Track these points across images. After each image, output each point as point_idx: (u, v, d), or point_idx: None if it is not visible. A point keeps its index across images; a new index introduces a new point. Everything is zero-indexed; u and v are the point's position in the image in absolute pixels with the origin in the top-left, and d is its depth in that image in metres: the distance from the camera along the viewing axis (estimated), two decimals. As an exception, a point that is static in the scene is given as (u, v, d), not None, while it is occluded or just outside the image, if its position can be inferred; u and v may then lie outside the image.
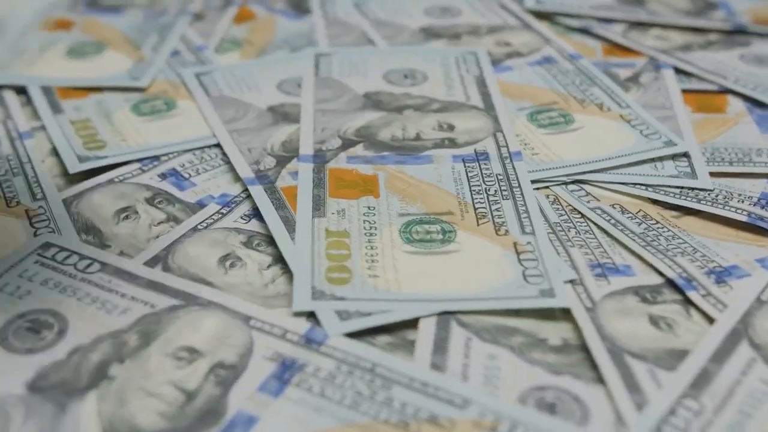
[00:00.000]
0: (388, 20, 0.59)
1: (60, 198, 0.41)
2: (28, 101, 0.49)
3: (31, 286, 0.36)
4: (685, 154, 0.45)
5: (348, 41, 0.56)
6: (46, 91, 0.49)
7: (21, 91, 0.50)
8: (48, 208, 0.40)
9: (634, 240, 0.40)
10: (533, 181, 0.43)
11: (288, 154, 0.44)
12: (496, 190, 0.42)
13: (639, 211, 0.42)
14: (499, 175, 0.43)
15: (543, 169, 0.44)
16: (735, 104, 0.51)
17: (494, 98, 0.49)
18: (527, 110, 0.49)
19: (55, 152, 0.45)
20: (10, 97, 0.49)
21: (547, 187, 0.43)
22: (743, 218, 0.41)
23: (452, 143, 0.45)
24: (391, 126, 0.47)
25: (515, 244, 0.38)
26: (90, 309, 0.35)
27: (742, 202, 0.42)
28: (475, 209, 0.40)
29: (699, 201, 0.42)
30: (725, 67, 0.54)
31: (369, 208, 0.41)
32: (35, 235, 0.39)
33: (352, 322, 0.34)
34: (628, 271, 0.38)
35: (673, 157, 0.45)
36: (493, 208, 0.41)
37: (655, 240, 0.40)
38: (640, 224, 0.41)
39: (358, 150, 0.45)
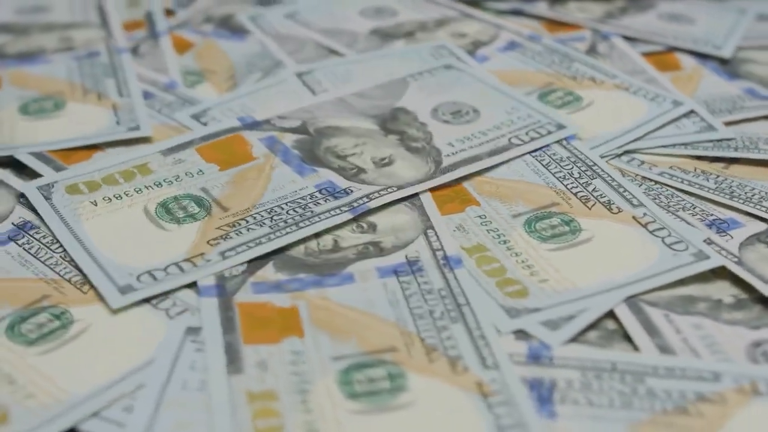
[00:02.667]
0: (334, 28, 0.57)
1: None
2: (20, 172, 0.43)
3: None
4: (692, 111, 0.49)
5: (309, 55, 0.54)
6: (42, 158, 0.43)
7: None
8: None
9: (717, 195, 0.42)
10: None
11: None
12: (579, 173, 0.43)
13: (695, 169, 0.45)
14: (570, 157, 0.44)
15: (596, 146, 0.45)
16: (685, 60, 0.56)
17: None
18: (534, 95, 0.50)
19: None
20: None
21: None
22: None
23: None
24: None
25: (635, 218, 0.40)
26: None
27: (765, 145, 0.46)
28: (576, 194, 0.41)
29: (736, 149, 0.46)
30: (657, 28, 0.58)
31: (481, 217, 0.40)
32: (169, 316, 0.34)
33: (565, 329, 0.34)
34: (736, 222, 0.40)
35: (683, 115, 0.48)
36: (590, 189, 0.41)
37: (732, 191, 0.43)
38: (708, 180, 0.44)
39: None
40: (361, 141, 0.43)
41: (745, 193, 0.42)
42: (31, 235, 0.38)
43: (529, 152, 0.44)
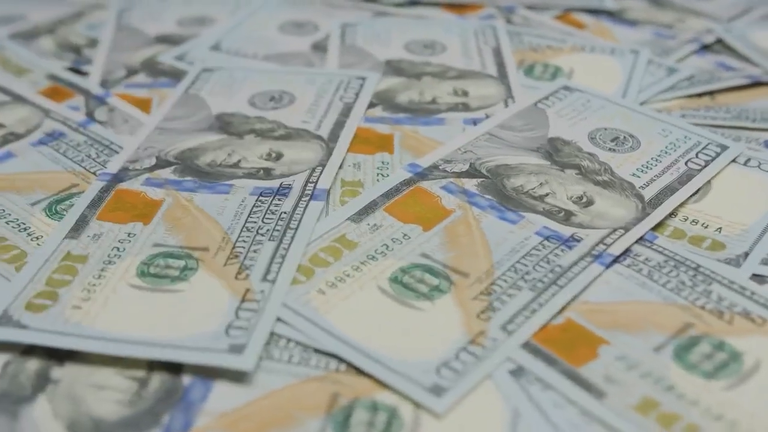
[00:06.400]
0: (275, 53, 0.54)
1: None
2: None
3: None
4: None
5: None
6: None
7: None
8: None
9: (743, 122, 0.48)
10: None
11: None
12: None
13: (701, 105, 0.50)
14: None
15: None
16: (582, 18, 0.61)
17: (508, 68, 0.51)
18: (520, 72, 0.52)
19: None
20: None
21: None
22: (746, 81, 0.52)
23: (465, 107, 0.48)
24: (409, 90, 0.49)
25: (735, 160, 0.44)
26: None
27: (721, 73, 0.53)
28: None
29: (709, 82, 0.52)
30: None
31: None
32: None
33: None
34: (780, 140, 0.47)
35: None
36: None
37: (747, 116, 0.49)
38: (718, 112, 0.49)
39: (377, 111, 0.47)
40: (542, 179, 0.41)
41: (754, 115, 0.49)
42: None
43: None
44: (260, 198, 0.39)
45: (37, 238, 0.38)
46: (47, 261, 0.36)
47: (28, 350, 0.32)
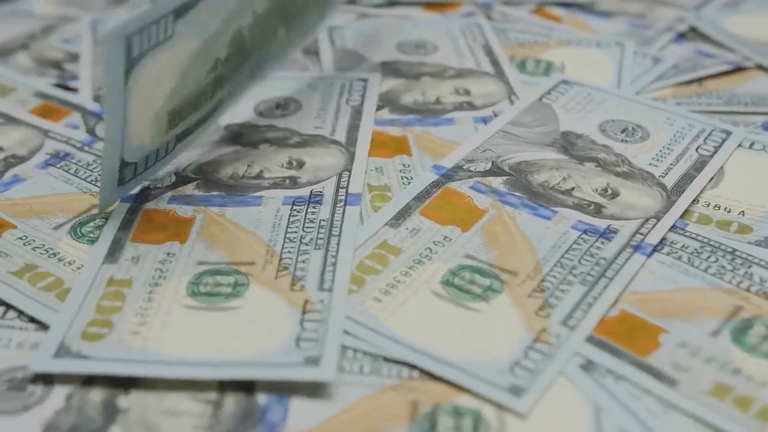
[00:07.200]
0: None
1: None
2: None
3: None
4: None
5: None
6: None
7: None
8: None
9: (736, 107, 0.49)
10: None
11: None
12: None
13: (692, 93, 0.52)
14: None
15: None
16: (557, 11, 0.62)
17: (503, 65, 0.52)
18: (513, 66, 0.53)
19: None
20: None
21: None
22: (729, 67, 0.54)
23: (471, 106, 0.48)
24: (411, 91, 0.49)
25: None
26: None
27: (703, 60, 0.55)
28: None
29: (694, 70, 0.54)
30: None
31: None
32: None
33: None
34: (773, 123, 0.48)
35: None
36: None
37: (738, 101, 0.50)
38: (710, 98, 0.51)
39: (384, 114, 0.47)
40: (564, 173, 0.42)
41: (745, 99, 0.50)
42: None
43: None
44: (294, 207, 0.39)
45: (70, 263, 0.36)
46: (91, 288, 0.35)
47: (89, 380, 0.31)
